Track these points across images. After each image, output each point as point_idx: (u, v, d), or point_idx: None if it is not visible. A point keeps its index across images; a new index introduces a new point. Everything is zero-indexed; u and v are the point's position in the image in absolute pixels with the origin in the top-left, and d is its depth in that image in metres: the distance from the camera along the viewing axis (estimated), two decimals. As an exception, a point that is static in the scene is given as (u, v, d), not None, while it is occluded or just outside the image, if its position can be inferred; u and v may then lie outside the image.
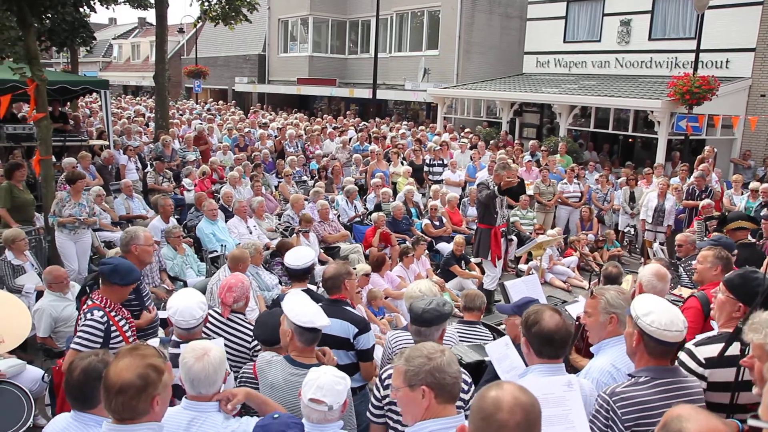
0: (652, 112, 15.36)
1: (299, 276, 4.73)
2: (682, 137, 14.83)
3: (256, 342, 4.18)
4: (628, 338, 2.97)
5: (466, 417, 2.80)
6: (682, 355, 3.21)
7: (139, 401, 2.39)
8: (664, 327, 2.80)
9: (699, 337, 3.37)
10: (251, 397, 3.14)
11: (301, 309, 3.39)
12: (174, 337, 3.78)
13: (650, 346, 2.85)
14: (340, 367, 3.83)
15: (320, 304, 4.09)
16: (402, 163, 14.00)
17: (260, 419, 2.74)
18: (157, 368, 2.44)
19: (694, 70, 14.02)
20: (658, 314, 2.84)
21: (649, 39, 18.16)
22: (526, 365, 3.45)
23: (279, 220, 10.78)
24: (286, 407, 3.15)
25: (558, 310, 3.10)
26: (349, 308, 4.18)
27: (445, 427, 2.48)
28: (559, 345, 3.00)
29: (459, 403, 3.15)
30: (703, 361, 3.17)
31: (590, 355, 3.52)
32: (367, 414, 3.36)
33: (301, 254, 4.72)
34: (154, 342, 4.11)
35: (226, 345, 4.07)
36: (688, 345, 3.25)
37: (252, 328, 4.29)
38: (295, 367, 3.36)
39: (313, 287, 7.44)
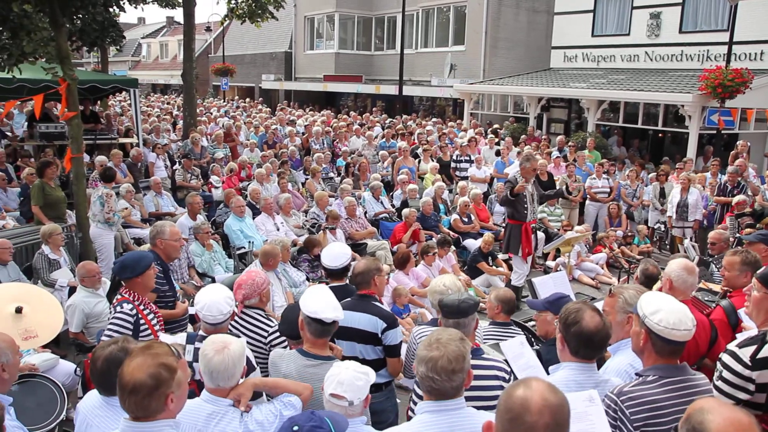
0: (682, 106, 15.08)
1: (338, 274, 4.68)
2: (714, 131, 14.57)
3: (272, 337, 4.19)
4: (635, 337, 2.92)
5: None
6: (726, 358, 3.10)
7: (151, 400, 2.40)
8: (672, 326, 2.76)
9: (741, 338, 3.28)
10: (259, 386, 3.16)
11: (311, 300, 3.41)
12: (201, 332, 3.81)
13: (658, 345, 2.81)
14: (367, 363, 3.84)
15: (349, 298, 4.10)
16: (431, 159, 13.94)
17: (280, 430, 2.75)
18: (169, 367, 2.44)
19: (727, 63, 13.75)
20: (666, 313, 2.79)
21: (680, 32, 17.82)
22: (542, 363, 3.42)
23: (306, 216, 10.82)
24: None
25: (599, 310, 3.05)
26: (377, 303, 4.18)
27: (437, 409, 2.64)
28: (596, 347, 2.96)
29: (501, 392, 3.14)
30: (749, 363, 3.06)
31: None
32: (408, 412, 3.38)
33: (338, 253, 4.67)
34: (181, 337, 4.15)
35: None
36: (731, 346, 3.15)
37: (269, 323, 4.30)
38: (307, 359, 3.38)
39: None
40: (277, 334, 4.19)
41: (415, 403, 3.33)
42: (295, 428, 2.59)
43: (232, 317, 3.92)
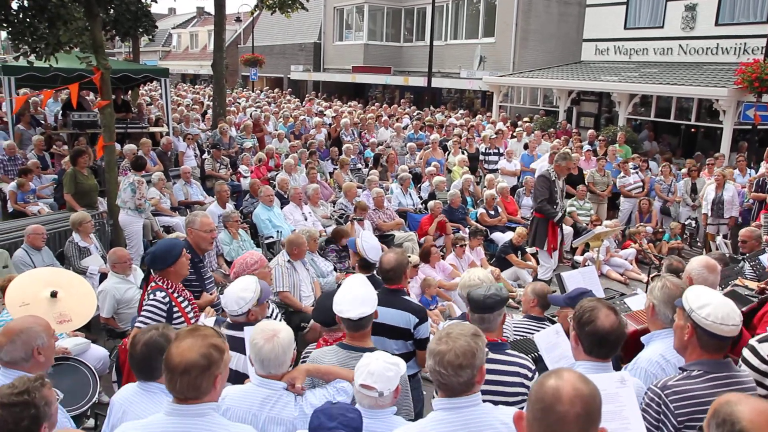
0: (717, 100, 14.81)
1: (370, 266, 4.77)
2: (750, 127, 14.27)
3: None
4: (679, 331, 2.87)
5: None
6: (745, 352, 3.12)
7: (203, 380, 2.44)
8: (720, 321, 2.71)
9: (763, 333, 3.26)
10: (312, 372, 3.19)
11: (338, 295, 3.44)
12: (228, 319, 3.84)
13: (704, 340, 2.76)
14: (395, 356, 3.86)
15: (377, 291, 4.10)
16: (462, 152, 13.88)
17: (319, 406, 2.78)
18: (218, 347, 2.51)
19: (765, 56, 13.46)
20: (714, 307, 2.73)
21: (716, 24, 17.45)
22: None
23: (334, 207, 10.86)
24: None
25: (614, 308, 2.96)
26: (407, 297, 4.19)
27: (451, 407, 2.57)
28: (611, 346, 2.87)
29: (522, 390, 3.11)
30: (767, 358, 3.06)
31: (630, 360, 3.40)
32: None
33: (378, 246, 4.76)
34: (210, 321, 4.18)
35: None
36: (752, 341, 3.17)
37: None
38: (348, 351, 3.39)
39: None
40: None
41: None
42: (335, 401, 2.75)
43: (259, 312, 3.87)
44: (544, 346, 3.50)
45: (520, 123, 17.70)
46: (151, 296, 4.18)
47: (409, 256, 7.23)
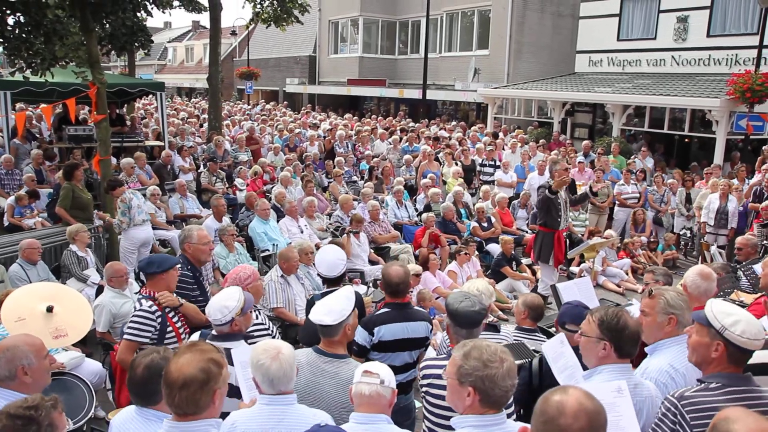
0: (710, 111, 14.90)
1: (335, 281, 4.83)
2: (742, 137, 14.36)
3: None
4: (704, 348, 2.82)
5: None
6: None
7: (202, 395, 2.45)
8: (753, 337, 2.72)
9: None
10: None
11: (317, 304, 3.57)
12: (213, 332, 3.83)
13: (734, 355, 2.76)
14: (404, 366, 4.09)
15: (388, 311, 4.12)
16: (456, 164, 13.91)
17: (307, 429, 2.80)
18: (217, 362, 2.51)
19: (756, 67, 13.55)
20: (746, 324, 2.74)
21: (708, 35, 17.59)
22: (582, 364, 3.39)
23: (329, 219, 10.86)
24: (305, 387, 3.37)
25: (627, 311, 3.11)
26: (416, 308, 4.32)
27: (484, 425, 2.49)
28: (637, 344, 3.04)
29: None
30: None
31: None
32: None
33: (334, 261, 4.77)
34: (195, 336, 4.17)
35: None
36: None
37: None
38: (319, 355, 3.51)
39: (363, 287, 7.50)
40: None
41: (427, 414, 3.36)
42: (322, 423, 2.75)
43: (243, 322, 3.87)
44: (551, 355, 3.53)
45: (509, 134, 17.72)
46: (137, 306, 4.19)
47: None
